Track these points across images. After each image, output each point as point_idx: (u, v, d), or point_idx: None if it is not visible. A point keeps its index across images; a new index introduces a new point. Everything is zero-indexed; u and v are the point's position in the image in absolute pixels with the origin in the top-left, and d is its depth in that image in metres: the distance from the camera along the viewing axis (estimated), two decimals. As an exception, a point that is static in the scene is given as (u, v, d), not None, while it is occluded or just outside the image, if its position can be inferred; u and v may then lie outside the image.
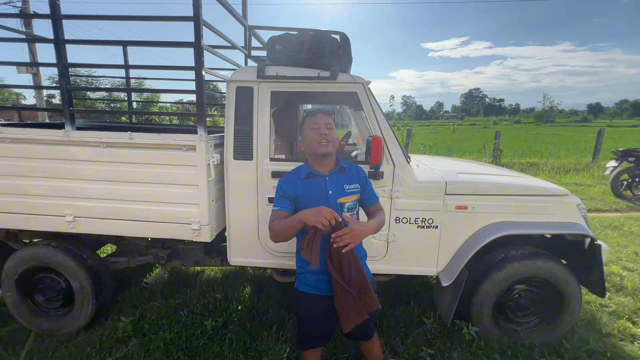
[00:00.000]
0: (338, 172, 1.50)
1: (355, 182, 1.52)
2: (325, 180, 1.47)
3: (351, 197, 1.50)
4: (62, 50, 1.95)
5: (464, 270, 2.07)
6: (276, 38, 2.18)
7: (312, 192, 1.45)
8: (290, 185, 1.47)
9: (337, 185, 1.48)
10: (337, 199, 1.46)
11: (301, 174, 1.49)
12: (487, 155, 9.92)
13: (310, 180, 1.47)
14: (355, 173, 1.55)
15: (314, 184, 1.46)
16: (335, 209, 1.42)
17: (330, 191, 1.46)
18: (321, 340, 1.65)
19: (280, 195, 1.47)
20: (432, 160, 3.05)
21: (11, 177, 2.10)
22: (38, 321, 2.34)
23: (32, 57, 9.00)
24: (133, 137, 1.99)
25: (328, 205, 1.41)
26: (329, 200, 1.44)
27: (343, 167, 1.52)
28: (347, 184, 1.50)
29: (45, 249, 2.25)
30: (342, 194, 1.48)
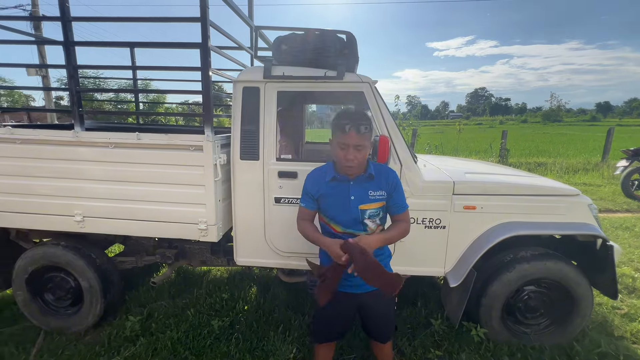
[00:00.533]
0: (365, 178, 1.45)
1: (381, 189, 1.47)
2: (349, 185, 1.45)
3: (374, 204, 1.46)
4: (71, 52, 1.97)
5: (472, 271, 2.04)
6: (282, 38, 2.18)
7: (335, 195, 1.45)
8: (314, 185, 1.50)
9: (360, 192, 1.44)
10: (359, 205, 1.43)
11: (327, 175, 1.47)
12: (493, 155, 9.83)
13: (335, 184, 1.46)
14: (384, 180, 1.49)
15: (337, 188, 1.45)
16: (356, 215, 1.43)
17: (352, 197, 1.43)
18: (335, 335, 1.67)
19: (305, 192, 1.53)
20: (438, 160, 3.03)
21: (22, 178, 2.13)
22: (48, 320, 2.37)
23: (41, 59, 9.14)
24: (141, 137, 2.01)
25: (349, 210, 1.42)
26: (350, 205, 1.43)
27: (372, 174, 1.46)
28: (372, 191, 1.45)
29: (55, 249, 2.27)
30: (365, 201, 1.44)
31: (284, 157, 2.24)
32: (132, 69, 3.27)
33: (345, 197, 1.44)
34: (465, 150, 12.37)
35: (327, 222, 1.51)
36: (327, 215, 1.50)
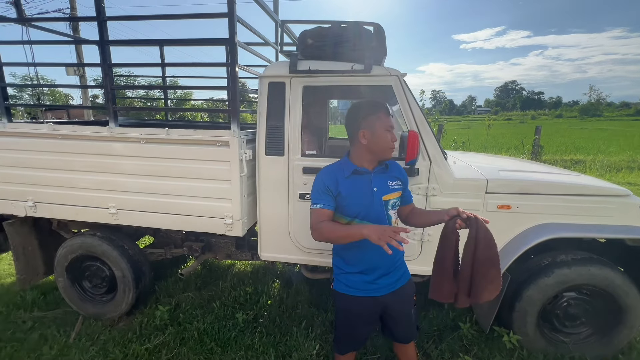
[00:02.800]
0: (382, 168, 1.44)
1: (397, 179, 1.47)
2: (370, 176, 1.40)
3: (395, 194, 1.44)
4: (106, 50, 2.04)
5: (505, 274, 1.93)
6: (308, 32, 2.15)
7: (357, 189, 1.37)
8: (332, 181, 1.37)
9: (381, 182, 1.41)
10: (382, 196, 1.39)
11: (345, 171, 1.40)
12: (525, 152, 9.31)
13: (355, 177, 1.39)
14: (397, 170, 1.50)
15: (359, 181, 1.39)
16: (380, 206, 1.38)
17: (375, 188, 1.39)
18: (359, 344, 1.59)
19: (323, 191, 1.36)
20: (468, 157, 2.89)
21: (62, 171, 2.25)
22: (85, 306, 2.51)
23: (79, 59, 9.69)
24: (170, 133, 2.05)
25: (373, 202, 1.37)
26: (374, 197, 1.38)
27: (387, 164, 1.45)
28: (390, 181, 1.44)
29: (92, 239, 2.40)
30: (387, 191, 1.41)
31: (309, 153, 2.21)
32: (162, 66, 3.37)
33: (368, 189, 1.38)
34: (494, 146, 11.82)
35: (348, 223, 1.38)
36: (348, 215, 1.38)
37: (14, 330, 2.37)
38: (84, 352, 2.13)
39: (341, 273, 1.47)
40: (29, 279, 2.56)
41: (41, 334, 2.32)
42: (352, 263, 1.43)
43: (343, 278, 1.46)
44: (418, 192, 2.00)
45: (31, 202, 2.32)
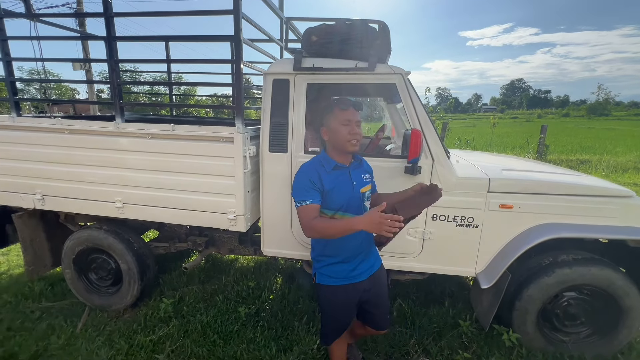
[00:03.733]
0: (357, 164, 1.55)
1: (367, 172, 1.60)
2: (348, 171, 1.50)
3: (368, 186, 1.56)
4: (113, 46, 2.07)
5: (506, 273, 1.94)
6: (312, 29, 2.15)
7: (339, 183, 1.44)
8: (316, 176, 1.41)
9: (358, 176, 1.52)
10: (360, 189, 1.50)
11: (326, 166, 1.45)
12: (531, 151, 9.23)
13: (337, 172, 1.47)
14: (366, 164, 1.63)
15: (340, 176, 1.47)
16: (360, 198, 1.49)
17: (354, 182, 1.49)
18: (344, 329, 1.66)
19: (309, 187, 1.39)
20: (472, 156, 2.89)
21: (69, 165, 2.29)
22: (92, 297, 2.56)
23: (85, 54, 9.76)
24: (175, 129, 2.08)
25: (354, 195, 1.46)
26: (354, 190, 1.47)
27: (360, 159, 1.59)
28: (364, 175, 1.56)
29: (98, 232, 2.44)
30: (362, 184, 1.52)
31: (312, 150, 2.23)
32: (167, 62, 3.40)
33: (348, 184, 1.47)
34: (499, 145, 11.74)
35: (332, 216, 1.44)
36: (331, 208, 1.43)
37: (23, 319, 2.43)
38: (91, 342, 2.18)
39: (323, 266, 1.52)
40: (37, 270, 2.62)
41: (49, 324, 2.38)
42: (333, 254, 1.49)
43: (326, 270, 1.52)
44: (420, 190, 2.01)
45: (39, 195, 2.37)
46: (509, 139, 14.27)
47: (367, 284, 1.54)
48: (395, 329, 2.30)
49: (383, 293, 1.63)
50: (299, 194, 1.40)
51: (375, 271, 1.59)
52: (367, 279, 1.54)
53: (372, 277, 1.56)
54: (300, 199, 1.38)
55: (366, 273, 1.54)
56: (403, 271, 2.26)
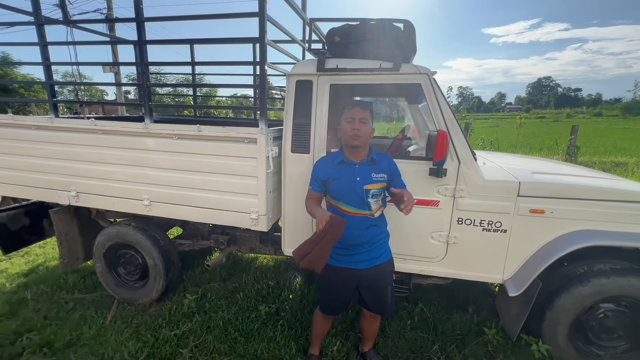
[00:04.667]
0: (368, 162, 1.65)
1: (383, 172, 1.65)
2: (355, 167, 1.63)
3: (377, 184, 1.63)
4: (144, 50, 2.14)
5: (536, 281, 1.86)
6: (335, 30, 2.14)
7: (342, 177, 1.63)
8: (322, 169, 1.68)
9: (365, 173, 1.62)
10: (364, 186, 1.61)
11: (335, 160, 1.67)
12: (560, 152, 8.80)
13: (342, 166, 1.64)
14: (386, 164, 1.68)
15: (344, 170, 1.64)
16: (361, 194, 1.61)
17: (357, 178, 1.61)
18: (336, 308, 1.84)
19: (315, 177, 1.70)
20: (498, 158, 2.79)
21: (101, 164, 2.40)
22: (120, 291, 2.68)
23: (114, 57, 10.21)
24: (201, 129, 2.13)
25: (355, 190, 1.60)
26: (356, 186, 1.60)
27: (374, 158, 1.66)
28: (375, 173, 1.63)
29: (127, 228, 2.54)
30: (369, 182, 1.62)
31: (334, 150, 2.22)
32: (192, 65, 3.49)
33: (351, 178, 1.61)
34: (525, 146, 11.26)
35: (335, 204, 1.66)
36: (335, 197, 1.66)
37: (58, 309, 2.57)
38: (119, 333, 2.28)
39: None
40: (70, 263, 2.76)
41: (81, 315, 2.50)
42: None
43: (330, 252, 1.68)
44: (445, 193, 1.96)
45: (74, 192, 2.50)
46: (535, 140, 13.66)
47: (365, 273, 1.69)
48: (416, 333, 2.25)
49: (383, 283, 1.74)
50: (311, 179, 1.73)
51: (378, 264, 1.69)
52: (368, 268, 1.68)
53: (373, 269, 1.69)
54: (310, 183, 1.74)
55: (366, 263, 1.67)
56: (425, 275, 2.21)
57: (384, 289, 1.74)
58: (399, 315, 2.45)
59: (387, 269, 1.75)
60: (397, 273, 2.28)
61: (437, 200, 1.99)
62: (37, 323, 2.40)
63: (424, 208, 2.02)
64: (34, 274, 3.18)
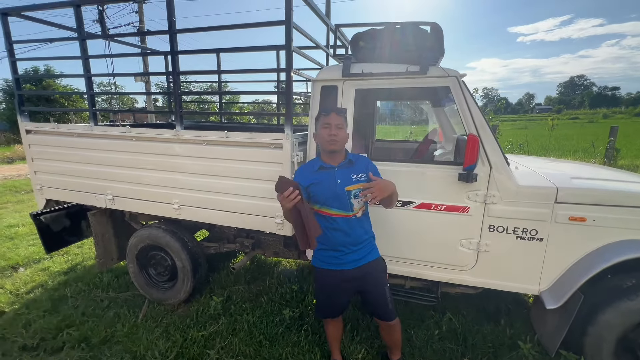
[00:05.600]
0: (346, 164, 1.69)
1: (361, 172, 1.68)
2: (334, 171, 1.67)
3: (357, 185, 1.66)
4: (176, 60, 2.24)
5: (578, 293, 1.74)
6: (360, 35, 2.15)
7: (323, 181, 1.66)
8: (303, 176, 1.70)
9: (344, 176, 1.66)
10: (345, 187, 1.65)
11: (314, 166, 1.71)
12: (597, 155, 8.27)
13: (322, 171, 1.68)
14: (364, 164, 1.72)
15: (324, 175, 1.67)
16: (343, 195, 1.64)
17: (338, 180, 1.65)
18: (334, 311, 1.86)
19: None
20: (532, 162, 2.66)
21: (135, 169, 2.52)
22: (151, 291, 2.78)
23: (145, 67, 10.77)
24: (229, 135, 2.19)
25: (336, 192, 1.64)
26: (337, 188, 1.64)
27: (351, 160, 1.71)
28: (354, 174, 1.67)
29: (157, 231, 2.65)
30: (349, 183, 1.65)
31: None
32: (218, 73, 3.60)
33: (332, 181, 1.65)
34: (557, 149, 10.67)
35: (319, 209, 1.69)
36: (318, 202, 1.67)
37: (94, 307, 2.71)
38: (150, 332, 2.36)
39: (317, 250, 1.78)
40: (105, 262, 2.91)
41: (115, 313, 2.63)
42: (324, 242, 1.72)
43: (318, 254, 1.78)
44: (476, 199, 1.90)
45: (110, 195, 2.64)
46: (569, 142, 12.92)
47: (355, 273, 1.71)
48: (445, 344, 2.17)
49: (379, 286, 1.75)
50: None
51: (364, 263, 1.72)
52: (355, 268, 1.70)
53: (361, 268, 1.71)
54: None
55: (353, 264, 1.70)
56: (453, 284, 2.13)
57: (379, 289, 1.75)
58: (425, 325, 2.38)
59: (377, 268, 1.76)
60: (424, 281, 2.22)
61: (467, 207, 1.92)
62: (76, 319, 2.54)
63: (452, 214, 1.96)
64: (72, 272, 3.38)
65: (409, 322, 2.41)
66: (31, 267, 3.50)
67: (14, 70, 2.76)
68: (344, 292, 1.78)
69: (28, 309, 2.70)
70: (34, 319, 2.57)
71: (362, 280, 1.73)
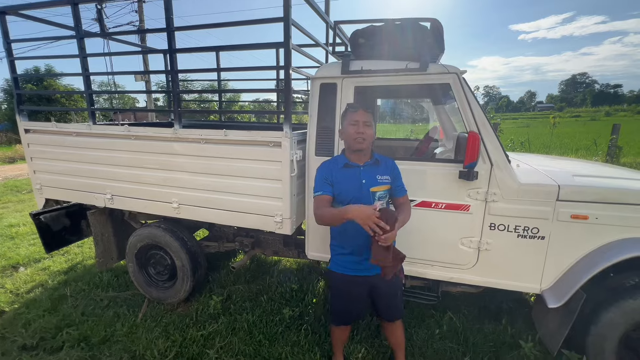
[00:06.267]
0: (372, 164, 1.63)
1: (386, 174, 1.63)
2: (359, 170, 1.60)
3: (382, 187, 1.61)
4: (173, 58, 2.23)
5: (580, 292, 1.72)
6: (359, 31, 2.12)
7: (347, 180, 1.58)
8: (329, 172, 1.61)
9: (370, 176, 1.60)
10: (370, 188, 1.58)
11: (338, 163, 1.63)
12: (599, 153, 8.22)
13: (347, 170, 1.61)
14: (390, 166, 1.67)
15: (349, 173, 1.60)
16: (368, 196, 1.57)
17: (363, 180, 1.58)
18: (350, 318, 1.81)
19: (322, 181, 1.60)
20: (533, 159, 2.64)
21: (134, 168, 2.51)
22: (151, 290, 2.78)
23: (145, 66, 10.76)
24: (227, 134, 2.17)
25: (361, 192, 1.56)
26: (362, 188, 1.57)
27: (377, 160, 1.65)
28: (380, 175, 1.61)
29: (157, 230, 2.64)
30: (374, 184, 1.59)
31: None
32: (218, 71, 3.57)
33: (357, 181, 1.58)
34: (558, 147, 10.62)
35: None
36: (341, 202, 1.58)
37: (94, 306, 2.71)
38: (149, 331, 2.36)
39: (335, 254, 1.70)
40: (105, 262, 2.90)
41: (115, 312, 2.62)
42: (344, 245, 1.64)
43: (337, 259, 1.69)
44: (476, 197, 1.88)
45: (109, 195, 2.63)
46: (570, 140, 12.85)
47: (375, 279, 1.62)
48: (445, 344, 2.16)
49: (393, 289, 1.71)
50: (316, 187, 1.62)
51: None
52: (376, 275, 1.59)
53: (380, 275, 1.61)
54: (315, 191, 1.61)
55: (374, 269, 1.59)
56: (454, 282, 2.11)
57: (395, 294, 1.73)
58: (426, 324, 2.36)
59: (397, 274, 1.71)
60: (424, 279, 2.20)
61: (468, 205, 1.91)
62: (76, 319, 2.54)
63: (453, 213, 1.94)
64: (72, 271, 3.38)
65: (410, 321, 2.40)
66: (31, 267, 3.51)
67: (12, 69, 2.75)
68: (363, 298, 1.72)
69: (28, 309, 2.70)
70: (33, 318, 2.56)
71: (384, 285, 1.67)
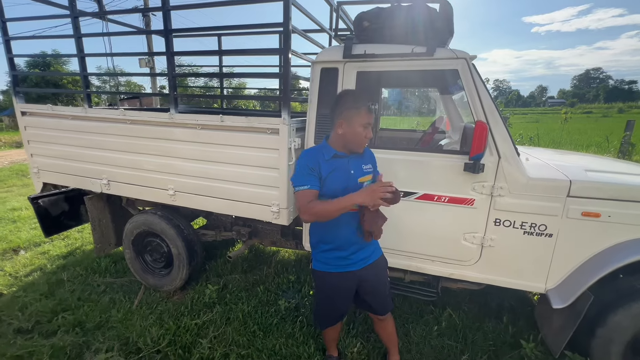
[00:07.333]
0: (357, 154, 1.55)
1: (369, 162, 1.58)
2: (347, 160, 1.51)
3: (368, 176, 1.56)
4: (170, 39, 2.14)
5: (587, 293, 1.64)
6: (363, 14, 2.00)
7: (336, 171, 1.48)
8: (315, 163, 1.45)
9: (357, 166, 1.53)
10: (358, 178, 1.51)
11: (325, 154, 1.49)
12: (611, 150, 7.98)
13: (335, 160, 1.49)
14: (371, 155, 1.63)
15: (338, 164, 1.49)
16: (356, 188, 1.47)
17: (352, 171, 1.50)
18: (341, 317, 1.74)
19: (307, 173, 1.43)
20: (544, 154, 2.52)
21: (130, 154, 2.46)
22: (147, 277, 2.76)
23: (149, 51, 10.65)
24: (224, 119, 2.10)
25: (349, 184, 1.48)
26: (350, 179, 1.49)
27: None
28: (364, 165, 1.56)
29: (153, 217, 2.60)
30: (361, 174, 1.53)
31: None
32: (219, 55, 3.48)
33: (346, 172, 1.49)
34: (569, 143, 10.35)
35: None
36: (329, 195, 1.44)
37: (90, 292, 2.70)
38: (144, 319, 2.34)
39: (318, 252, 1.59)
40: (103, 248, 2.89)
41: (111, 298, 2.61)
42: (328, 240, 1.54)
43: (320, 257, 1.58)
44: (482, 191, 1.78)
45: (105, 180, 2.58)
46: (581, 137, 12.54)
47: (363, 273, 1.57)
48: (443, 341, 2.10)
49: (381, 284, 1.65)
50: (298, 179, 1.44)
51: (371, 262, 1.60)
52: (363, 268, 1.57)
53: (368, 267, 1.59)
54: (299, 184, 1.43)
55: (361, 263, 1.56)
56: (455, 279, 2.05)
57: (382, 288, 1.67)
58: (424, 320, 2.31)
59: (381, 266, 1.67)
60: (424, 275, 2.14)
61: (472, 199, 1.82)
62: (72, 303, 2.53)
63: (456, 207, 1.85)
64: (71, 256, 3.38)
65: (407, 317, 2.34)
66: (32, 250, 3.52)
67: (7, 49, 2.68)
68: (349, 295, 1.63)
69: (25, 292, 2.70)
70: (30, 302, 2.56)
71: (370, 279, 1.61)
